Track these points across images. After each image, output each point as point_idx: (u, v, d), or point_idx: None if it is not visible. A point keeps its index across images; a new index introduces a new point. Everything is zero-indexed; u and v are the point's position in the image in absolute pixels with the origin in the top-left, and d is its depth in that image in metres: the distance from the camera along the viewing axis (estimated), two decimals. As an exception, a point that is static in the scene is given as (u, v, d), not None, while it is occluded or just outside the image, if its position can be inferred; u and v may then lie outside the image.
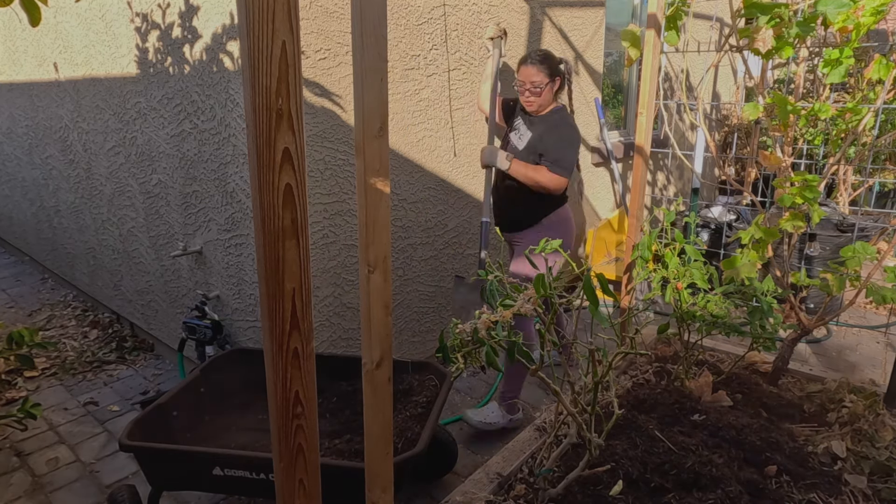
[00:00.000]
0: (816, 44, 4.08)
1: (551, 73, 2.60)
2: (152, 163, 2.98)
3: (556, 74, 2.62)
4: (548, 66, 2.59)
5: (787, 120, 2.25)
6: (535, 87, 2.59)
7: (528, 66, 2.60)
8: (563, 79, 2.68)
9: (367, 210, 1.12)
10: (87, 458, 2.58)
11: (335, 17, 2.45)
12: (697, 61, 5.26)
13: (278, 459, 1.03)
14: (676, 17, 2.48)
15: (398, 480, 1.41)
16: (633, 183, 2.74)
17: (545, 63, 2.59)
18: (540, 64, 2.59)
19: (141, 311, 3.54)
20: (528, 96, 2.62)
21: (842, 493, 1.78)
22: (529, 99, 2.63)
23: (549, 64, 2.60)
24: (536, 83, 2.59)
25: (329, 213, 2.59)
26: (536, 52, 2.65)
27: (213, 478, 1.89)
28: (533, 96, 2.62)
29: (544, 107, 2.66)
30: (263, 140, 0.88)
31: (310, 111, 2.43)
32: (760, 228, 2.29)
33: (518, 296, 1.58)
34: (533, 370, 1.57)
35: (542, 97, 2.62)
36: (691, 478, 1.75)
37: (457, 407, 2.93)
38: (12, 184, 4.78)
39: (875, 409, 2.14)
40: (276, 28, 0.85)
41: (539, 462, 1.90)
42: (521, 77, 2.62)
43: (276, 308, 0.95)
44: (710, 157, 5.11)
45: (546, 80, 2.60)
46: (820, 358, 3.37)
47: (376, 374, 1.22)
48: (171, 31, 2.58)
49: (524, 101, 2.65)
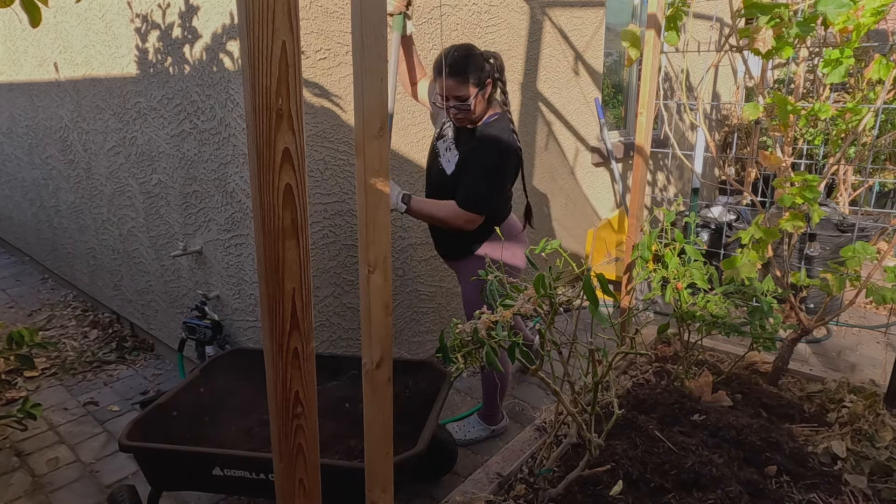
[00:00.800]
0: (816, 44, 4.08)
1: (479, 80, 2.09)
2: (152, 163, 2.98)
3: (484, 80, 2.11)
4: (474, 74, 2.07)
5: (787, 120, 2.25)
6: (463, 104, 2.09)
7: (447, 79, 2.06)
8: (493, 80, 2.16)
9: (367, 210, 1.12)
10: (87, 458, 2.58)
11: (335, 17, 2.45)
12: (697, 61, 5.26)
13: (278, 459, 1.03)
14: (676, 17, 2.48)
15: (398, 480, 1.41)
16: (633, 183, 2.75)
17: (467, 70, 2.06)
18: (460, 75, 2.05)
19: (141, 311, 3.54)
20: (457, 114, 2.13)
21: (842, 493, 1.78)
22: (459, 117, 2.15)
23: (473, 69, 2.07)
24: (462, 97, 2.08)
25: (329, 213, 2.59)
26: (454, 56, 2.06)
27: (213, 478, 1.89)
28: (462, 113, 2.12)
29: (480, 117, 2.20)
30: (263, 140, 0.88)
31: (310, 111, 2.43)
32: (760, 228, 2.29)
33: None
34: (533, 370, 1.57)
35: (475, 111, 2.14)
36: (691, 478, 1.75)
37: (457, 407, 2.93)
38: (12, 184, 4.78)
39: (875, 409, 2.14)
40: (276, 28, 0.85)
41: (539, 462, 1.90)
42: (443, 91, 2.10)
43: (276, 308, 0.95)
44: (710, 157, 5.11)
45: (474, 91, 2.08)
46: (820, 358, 3.37)
47: (376, 374, 1.22)
48: (171, 32, 2.58)
49: (454, 119, 2.17)
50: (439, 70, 2.09)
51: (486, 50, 2.18)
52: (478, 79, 2.10)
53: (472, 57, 2.09)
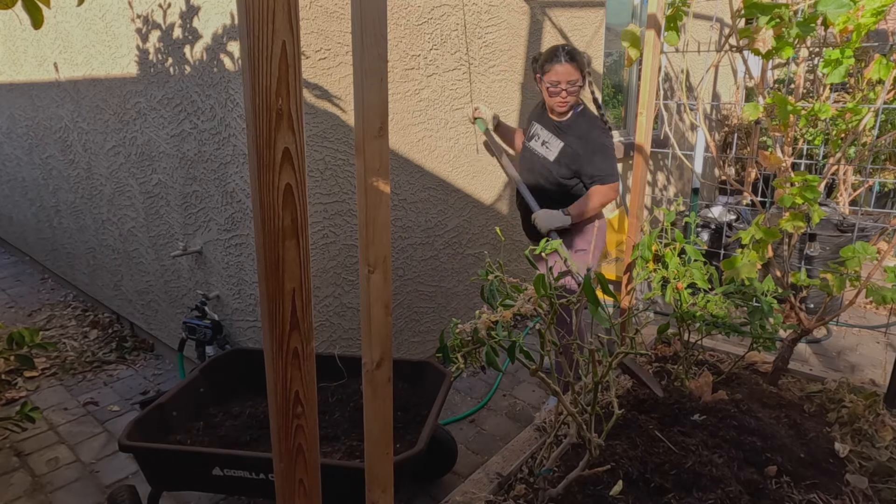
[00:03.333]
0: (816, 44, 4.08)
1: (582, 68, 2.50)
2: (152, 163, 2.98)
3: (585, 71, 2.52)
4: (579, 63, 2.49)
5: (787, 120, 2.25)
6: (573, 86, 2.48)
7: (563, 65, 2.46)
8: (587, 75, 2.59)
9: (367, 210, 1.12)
10: (87, 458, 2.58)
11: (335, 17, 2.45)
12: (697, 61, 5.26)
13: (278, 459, 1.03)
14: (676, 17, 2.48)
15: (398, 480, 1.41)
16: (633, 183, 2.74)
17: (577, 59, 2.48)
18: (573, 61, 2.47)
19: (141, 311, 3.54)
20: (566, 97, 2.50)
21: (842, 493, 1.78)
22: (567, 99, 2.51)
23: (580, 59, 2.50)
24: (574, 81, 2.47)
25: (329, 213, 2.59)
26: (567, 49, 2.50)
27: (213, 478, 1.89)
28: (571, 96, 2.50)
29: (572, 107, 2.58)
30: (263, 140, 0.88)
31: (310, 111, 2.43)
32: (760, 228, 2.29)
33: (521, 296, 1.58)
34: (533, 370, 1.57)
35: (578, 95, 2.53)
36: (691, 478, 1.75)
37: (457, 407, 2.93)
38: (12, 184, 4.78)
39: (875, 409, 2.14)
40: (276, 28, 0.85)
41: (539, 462, 1.90)
42: (556, 77, 2.47)
43: (276, 308, 0.95)
44: (710, 157, 5.11)
45: (580, 77, 2.49)
46: (820, 358, 3.37)
47: (376, 374, 1.22)
48: (172, 32, 2.58)
49: (558, 101, 2.52)
50: (551, 58, 2.48)
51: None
52: (582, 67, 2.51)
53: (579, 51, 2.55)
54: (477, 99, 3.20)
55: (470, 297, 3.49)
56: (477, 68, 3.17)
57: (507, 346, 1.46)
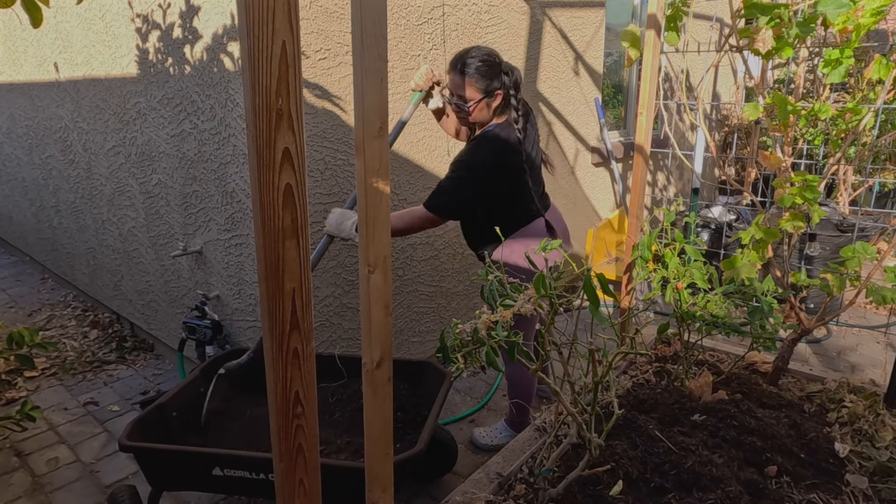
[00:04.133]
0: (816, 44, 4.08)
1: (486, 87, 2.03)
2: (152, 163, 2.98)
3: (493, 90, 2.04)
4: (481, 80, 2.01)
5: (787, 120, 2.25)
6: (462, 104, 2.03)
7: (449, 73, 2.04)
8: (505, 93, 2.08)
9: (367, 210, 1.12)
10: (87, 458, 2.58)
11: (335, 17, 2.45)
12: (697, 61, 5.26)
13: (278, 459, 1.03)
14: (676, 17, 2.48)
15: (398, 480, 1.41)
16: (633, 183, 2.74)
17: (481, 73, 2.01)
18: (463, 74, 2.00)
19: (141, 311, 3.54)
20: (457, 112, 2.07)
21: (842, 493, 1.78)
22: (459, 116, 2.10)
23: (481, 75, 2.01)
24: (462, 97, 2.02)
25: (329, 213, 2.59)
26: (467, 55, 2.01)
27: (213, 478, 1.89)
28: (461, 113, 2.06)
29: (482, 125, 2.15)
30: (263, 140, 0.88)
31: (310, 111, 2.43)
32: (760, 229, 2.29)
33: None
34: (533, 370, 1.57)
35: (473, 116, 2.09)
36: (691, 478, 1.75)
37: (457, 407, 2.93)
38: (12, 184, 4.78)
39: (875, 409, 2.13)
40: (276, 28, 0.85)
41: (539, 462, 1.90)
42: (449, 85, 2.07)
43: (276, 308, 0.95)
44: (710, 157, 5.11)
45: (478, 96, 2.02)
46: (820, 358, 3.37)
47: (376, 374, 1.22)
48: (172, 32, 2.58)
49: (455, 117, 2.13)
50: (452, 64, 2.07)
51: (508, 63, 2.11)
52: (485, 86, 2.04)
53: (486, 63, 2.03)
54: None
55: (470, 297, 3.49)
56: (477, 68, 3.16)
57: (507, 346, 1.46)
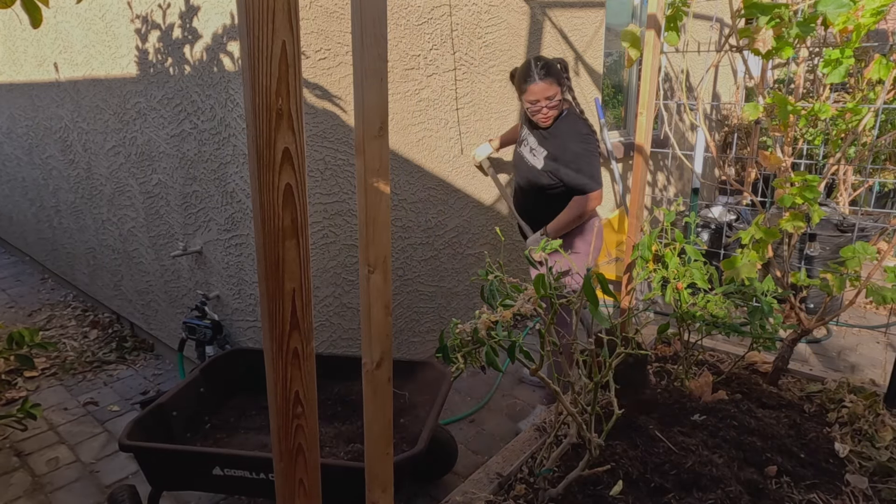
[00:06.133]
0: (816, 44, 4.08)
1: (559, 80, 2.49)
2: (152, 163, 2.98)
3: (562, 80, 2.51)
4: (555, 76, 2.46)
5: (787, 120, 2.25)
6: (552, 102, 2.48)
7: (538, 84, 2.44)
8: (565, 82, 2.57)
9: (367, 210, 1.12)
10: (87, 458, 2.58)
11: (335, 17, 2.45)
12: (697, 61, 5.26)
13: (278, 459, 1.03)
14: (676, 17, 2.48)
15: (398, 480, 1.41)
16: (633, 183, 2.74)
17: (552, 74, 2.46)
18: (548, 76, 2.45)
19: (141, 311, 3.54)
20: (547, 112, 2.50)
21: (842, 493, 1.78)
22: (548, 115, 2.51)
23: (555, 72, 2.47)
24: (552, 97, 2.46)
25: (329, 213, 2.59)
26: (537, 64, 2.47)
27: (213, 478, 1.89)
28: (552, 110, 2.50)
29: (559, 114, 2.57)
30: (263, 140, 0.88)
31: (310, 111, 2.43)
32: (760, 229, 2.29)
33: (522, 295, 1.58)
34: (533, 370, 1.57)
35: (560, 106, 2.53)
36: (691, 478, 1.75)
37: (457, 407, 2.93)
38: (12, 184, 4.78)
39: (875, 409, 2.14)
40: (276, 28, 0.85)
41: (539, 462, 1.90)
42: (534, 96, 2.47)
43: (276, 308, 0.95)
44: (710, 157, 5.11)
45: (559, 90, 2.48)
46: (820, 358, 3.37)
47: (376, 374, 1.22)
48: (172, 32, 2.58)
49: (541, 118, 2.53)
50: (525, 77, 2.47)
51: (556, 57, 2.55)
52: (559, 80, 2.48)
53: (552, 63, 2.49)
54: (477, 100, 3.20)
55: (470, 297, 3.49)
56: (477, 68, 3.17)
57: (507, 346, 1.46)
